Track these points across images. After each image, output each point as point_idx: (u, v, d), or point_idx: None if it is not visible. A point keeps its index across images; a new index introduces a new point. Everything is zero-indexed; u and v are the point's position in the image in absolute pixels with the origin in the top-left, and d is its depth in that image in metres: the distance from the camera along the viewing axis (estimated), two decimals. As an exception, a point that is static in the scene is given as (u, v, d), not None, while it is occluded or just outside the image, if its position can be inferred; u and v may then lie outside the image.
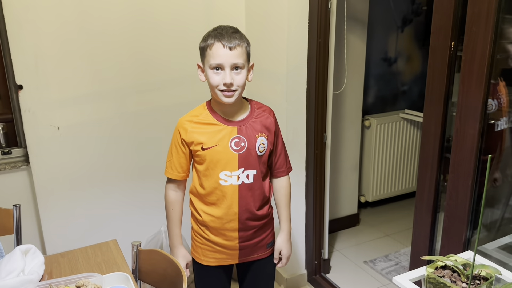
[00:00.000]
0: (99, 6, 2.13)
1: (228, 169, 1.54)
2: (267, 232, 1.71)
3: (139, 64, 2.28)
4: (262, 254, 1.71)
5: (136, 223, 2.46)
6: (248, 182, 1.56)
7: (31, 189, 2.23)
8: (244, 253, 1.66)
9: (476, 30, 1.44)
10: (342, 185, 3.14)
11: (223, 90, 1.47)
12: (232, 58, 1.45)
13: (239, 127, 1.54)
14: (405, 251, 2.91)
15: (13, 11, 1.99)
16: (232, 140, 1.53)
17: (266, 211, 1.66)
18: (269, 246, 1.72)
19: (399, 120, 3.30)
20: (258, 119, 1.59)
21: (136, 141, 2.37)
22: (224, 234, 1.61)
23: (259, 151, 1.57)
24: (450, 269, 1.28)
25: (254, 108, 1.60)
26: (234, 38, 1.46)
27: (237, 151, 1.53)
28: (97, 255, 1.48)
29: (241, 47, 1.47)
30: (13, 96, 2.16)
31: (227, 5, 2.42)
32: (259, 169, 1.58)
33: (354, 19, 2.82)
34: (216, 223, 1.60)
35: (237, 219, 1.58)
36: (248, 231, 1.62)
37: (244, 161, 1.54)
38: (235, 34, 1.47)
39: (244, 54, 1.49)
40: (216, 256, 1.65)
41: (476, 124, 1.47)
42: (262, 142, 1.57)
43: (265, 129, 1.59)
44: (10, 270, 1.25)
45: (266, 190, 1.65)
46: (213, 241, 1.62)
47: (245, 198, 1.57)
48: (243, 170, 1.55)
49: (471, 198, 1.54)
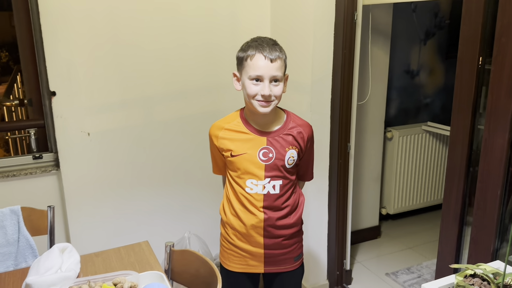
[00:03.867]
0: (129, 18, 2.21)
1: (255, 177, 1.57)
2: (295, 244, 1.70)
3: (166, 74, 2.34)
4: (289, 267, 1.70)
5: (161, 229, 2.50)
6: (274, 192, 1.58)
7: (60, 193, 2.29)
8: (270, 262, 1.66)
9: (505, 41, 1.45)
10: (364, 196, 3.14)
11: (260, 100, 1.50)
12: (272, 70, 1.47)
13: (269, 138, 1.57)
14: (428, 264, 2.88)
15: (49, 21, 2.07)
16: (261, 151, 1.56)
17: (293, 221, 1.66)
18: (296, 259, 1.72)
19: (422, 132, 3.30)
20: (292, 132, 1.59)
21: (162, 148, 2.42)
22: (249, 240, 1.63)
23: (287, 164, 1.58)
24: (479, 278, 1.28)
25: (289, 121, 1.61)
26: (275, 50, 1.48)
27: (264, 162, 1.56)
28: (130, 255, 1.52)
29: (281, 59, 1.50)
30: (46, 103, 2.23)
31: (253, 17, 2.47)
32: (286, 180, 1.60)
33: (378, 32, 2.85)
34: (242, 228, 1.62)
35: (262, 227, 1.60)
36: (273, 239, 1.63)
37: (271, 171, 1.56)
38: (275, 46, 1.51)
39: (283, 66, 1.51)
40: (242, 262, 1.67)
41: (505, 134, 1.48)
42: (292, 155, 1.58)
43: (296, 143, 1.60)
44: (49, 267, 1.29)
45: (294, 200, 1.65)
46: (239, 246, 1.64)
47: (270, 206, 1.59)
48: (269, 180, 1.57)
49: (500, 208, 1.54)
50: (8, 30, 4.76)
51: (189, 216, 2.57)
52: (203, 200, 2.58)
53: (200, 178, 2.54)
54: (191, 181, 2.53)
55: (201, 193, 2.57)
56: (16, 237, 1.69)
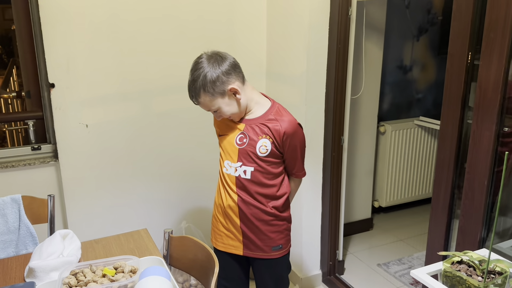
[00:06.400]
0: (127, 11, 2.24)
1: (230, 159, 1.67)
2: (273, 233, 1.74)
3: (164, 66, 2.38)
4: (265, 254, 1.75)
5: (157, 219, 2.54)
6: (245, 177, 1.66)
7: (58, 183, 2.33)
8: (248, 246, 1.73)
9: (493, 36, 1.50)
10: (356, 189, 3.20)
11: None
12: (204, 108, 1.62)
13: (247, 125, 1.66)
14: (418, 255, 2.95)
15: (49, 13, 2.10)
16: (238, 135, 1.66)
17: (269, 210, 1.70)
18: (274, 249, 1.75)
19: (414, 127, 3.36)
20: (268, 124, 1.64)
21: (159, 140, 2.46)
22: (229, 219, 1.73)
23: (259, 152, 1.63)
24: (466, 264, 1.34)
25: (270, 113, 1.66)
26: (192, 95, 1.60)
27: (239, 146, 1.65)
28: (129, 242, 1.57)
29: (204, 95, 1.57)
30: (45, 94, 2.26)
31: (249, 9, 2.51)
32: (259, 167, 1.65)
33: (372, 27, 2.90)
34: (221, 206, 1.74)
35: (237, 208, 1.69)
36: (249, 222, 1.70)
37: (243, 156, 1.65)
38: (192, 89, 1.59)
39: (209, 100, 1.58)
40: (224, 241, 1.77)
41: (492, 126, 1.53)
42: (264, 144, 1.63)
43: (272, 134, 1.64)
44: (51, 252, 1.34)
45: (271, 189, 1.69)
46: (222, 223, 1.75)
47: (242, 190, 1.68)
48: (241, 164, 1.65)
49: (487, 198, 1.59)
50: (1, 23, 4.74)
51: (185, 207, 2.61)
52: (200, 191, 2.62)
53: (197, 169, 2.58)
54: (188, 172, 2.57)
55: (198, 185, 2.61)
56: (17, 225, 1.72)
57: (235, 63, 1.61)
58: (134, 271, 1.26)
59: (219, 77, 1.54)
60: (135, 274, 1.25)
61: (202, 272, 1.41)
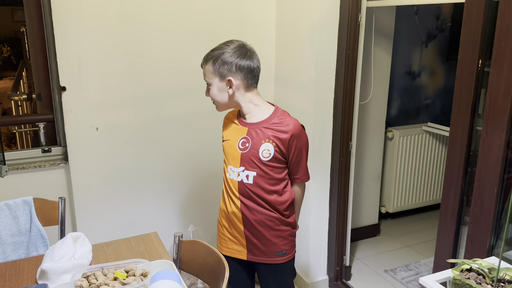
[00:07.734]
0: (140, 16, 2.26)
1: (233, 164, 1.68)
2: (277, 239, 1.73)
3: (175, 70, 2.40)
4: (269, 259, 1.75)
5: (165, 222, 2.55)
6: (247, 182, 1.66)
7: (68, 186, 2.35)
8: (252, 251, 1.74)
9: (504, 45, 1.51)
10: (364, 195, 3.20)
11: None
12: (203, 75, 1.68)
13: (250, 129, 1.66)
14: (426, 261, 2.94)
15: (61, 17, 2.12)
16: (241, 140, 1.67)
17: (273, 215, 1.70)
18: (278, 254, 1.75)
19: (422, 133, 3.36)
20: (273, 127, 1.64)
21: (169, 144, 2.47)
22: (232, 223, 1.73)
23: (262, 156, 1.63)
24: (475, 272, 1.34)
25: (274, 117, 1.66)
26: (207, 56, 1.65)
27: (241, 150, 1.66)
28: (139, 245, 1.58)
29: (210, 64, 1.63)
30: (56, 97, 2.29)
31: (259, 15, 2.53)
32: (262, 172, 1.65)
33: (381, 33, 2.91)
34: (225, 212, 1.75)
35: (240, 213, 1.70)
36: (253, 227, 1.70)
37: (245, 161, 1.65)
38: (211, 52, 1.65)
39: (212, 72, 1.63)
40: (229, 246, 1.77)
41: (503, 134, 1.54)
42: (267, 148, 1.63)
43: (275, 138, 1.63)
44: (63, 255, 1.35)
45: (274, 195, 1.69)
46: (226, 227, 1.76)
47: (245, 195, 1.68)
48: (244, 169, 1.66)
49: (496, 205, 1.59)
50: (10, 25, 4.78)
51: (193, 210, 2.63)
52: (208, 195, 2.63)
53: (206, 173, 2.60)
54: (197, 176, 2.59)
55: (206, 189, 2.62)
56: (28, 227, 1.74)
57: (253, 68, 1.63)
58: (145, 275, 1.27)
59: (230, 64, 1.60)
60: (146, 278, 1.26)
61: (212, 276, 1.42)
